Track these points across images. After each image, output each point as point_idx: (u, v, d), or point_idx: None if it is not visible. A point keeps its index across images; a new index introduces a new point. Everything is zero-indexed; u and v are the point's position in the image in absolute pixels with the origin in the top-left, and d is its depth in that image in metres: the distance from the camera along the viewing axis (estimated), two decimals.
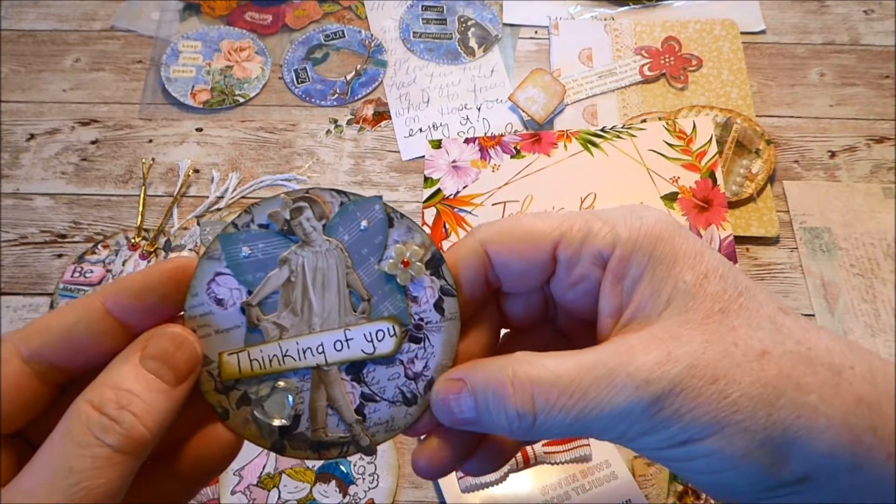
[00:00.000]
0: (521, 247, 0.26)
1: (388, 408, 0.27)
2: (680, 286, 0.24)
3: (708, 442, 0.22)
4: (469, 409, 0.25)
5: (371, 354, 0.27)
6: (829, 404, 0.22)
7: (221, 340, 0.26)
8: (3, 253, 0.50)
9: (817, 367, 0.22)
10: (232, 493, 0.40)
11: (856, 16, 0.62)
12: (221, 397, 0.26)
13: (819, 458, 0.22)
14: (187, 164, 0.53)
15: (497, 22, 0.61)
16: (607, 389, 0.23)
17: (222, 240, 0.27)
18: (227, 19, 0.61)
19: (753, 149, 0.53)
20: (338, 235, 0.27)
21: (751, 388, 0.22)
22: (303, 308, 0.27)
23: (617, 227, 0.25)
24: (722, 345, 0.23)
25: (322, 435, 0.27)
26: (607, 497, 0.40)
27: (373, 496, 0.40)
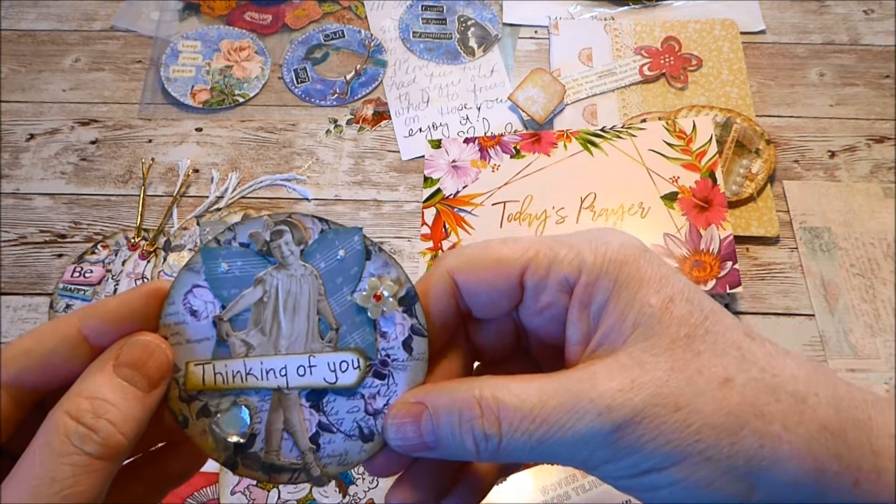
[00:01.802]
0: (488, 274, 0.26)
1: (343, 441, 0.27)
2: (645, 310, 0.24)
3: (671, 471, 0.22)
4: (429, 433, 0.24)
5: (333, 384, 0.27)
6: (793, 432, 0.22)
7: (191, 350, 0.26)
8: (3, 253, 0.50)
9: (781, 395, 0.22)
10: (232, 493, 0.40)
11: (856, 16, 0.62)
12: (183, 405, 0.26)
13: (784, 486, 0.22)
14: (187, 164, 0.53)
15: (497, 22, 0.61)
16: (570, 415, 0.22)
17: (204, 253, 0.27)
18: (226, 19, 0.61)
19: (753, 149, 0.53)
20: (314, 262, 0.27)
21: (713, 418, 0.22)
22: (271, 329, 0.27)
23: (582, 252, 0.25)
24: (686, 372, 0.23)
25: (274, 458, 0.27)
26: (607, 497, 0.40)
27: (373, 496, 0.40)
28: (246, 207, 0.51)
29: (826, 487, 0.22)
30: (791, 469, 0.22)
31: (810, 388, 0.23)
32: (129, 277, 0.48)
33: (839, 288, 0.48)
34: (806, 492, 0.22)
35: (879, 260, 0.49)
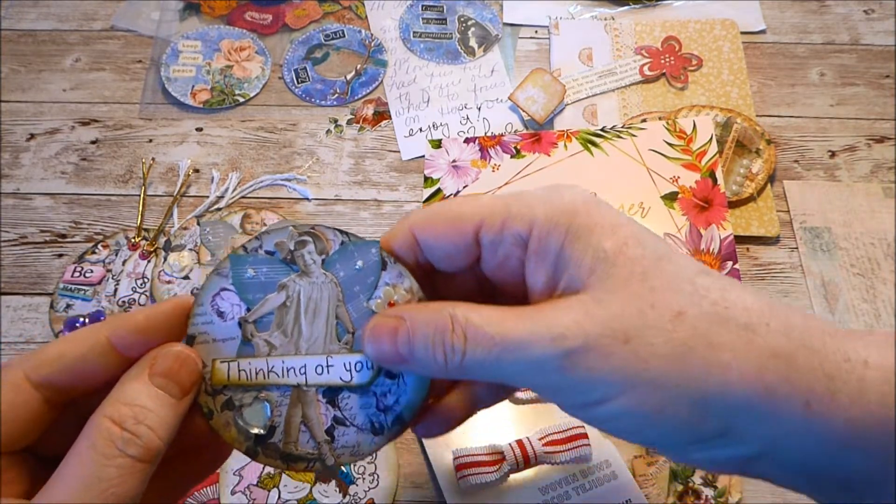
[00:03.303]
0: (445, 230, 0.27)
1: (356, 434, 0.29)
2: (600, 255, 0.25)
3: (622, 400, 0.23)
4: (404, 345, 0.26)
5: (348, 383, 0.29)
6: (742, 359, 0.23)
7: (217, 348, 0.29)
8: (3, 253, 0.50)
9: (732, 326, 0.23)
10: (232, 493, 0.40)
11: (856, 16, 0.62)
12: (209, 399, 0.28)
13: (735, 410, 0.23)
14: (187, 164, 0.53)
15: (497, 21, 0.61)
16: (526, 338, 0.24)
17: (232, 260, 0.30)
18: (227, 19, 0.61)
19: (753, 148, 0.53)
20: (334, 271, 0.30)
21: (663, 348, 0.23)
22: (293, 331, 0.29)
23: (534, 207, 0.26)
24: (639, 307, 0.24)
25: (292, 448, 0.29)
26: (607, 497, 0.40)
27: (373, 496, 0.40)
28: (246, 207, 0.51)
29: (777, 410, 0.23)
30: (740, 394, 0.23)
31: (763, 318, 0.23)
32: (130, 277, 0.48)
33: (839, 288, 0.48)
34: (757, 415, 0.23)
35: (879, 260, 0.49)
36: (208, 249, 0.49)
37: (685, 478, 0.41)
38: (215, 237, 0.49)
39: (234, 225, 0.50)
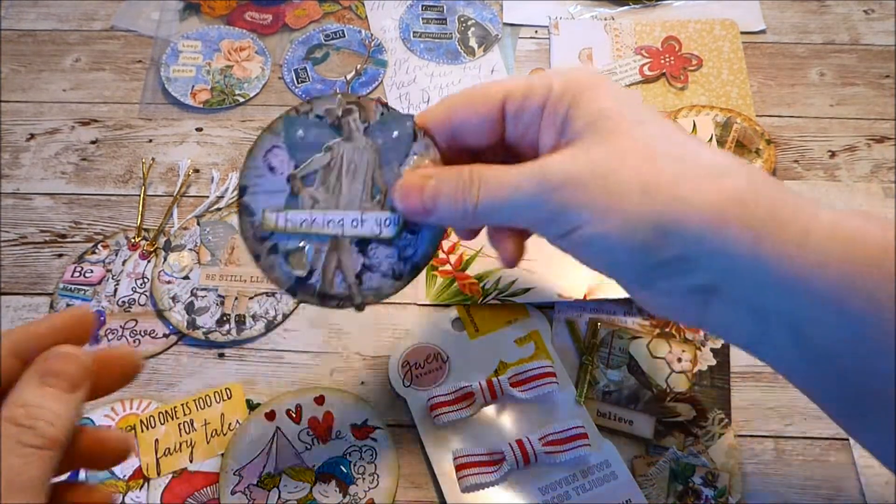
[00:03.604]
0: (476, 105, 0.32)
1: (380, 278, 0.34)
2: (594, 114, 0.29)
3: (596, 226, 0.28)
4: (429, 199, 0.31)
5: (377, 235, 0.34)
6: (703, 199, 0.26)
7: (266, 199, 0.33)
8: (3, 253, 0.50)
9: (699, 171, 0.27)
10: (232, 493, 0.40)
11: (856, 16, 0.62)
12: (257, 244, 0.33)
13: (692, 240, 0.26)
14: (187, 164, 0.53)
15: (497, 21, 0.61)
16: (522, 181, 0.29)
17: (285, 120, 0.34)
18: (227, 19, 0.61)
19: (753, 148, 0.53)
20: (374, 137, 0.34)
21: (632, 185, 0.27)
22: (334, 188, 0.34)
23: (552, 81, 0.30)
24: (619, 152, 0.28)
25: (328, 289, 0.34)
26: (607, 497, 0.40)
27: (373, 496, 0.40)
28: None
29: (729, 243, 0.26)
30: (697, 226, 0.26)
31: (731, 171, 0.27)
32: (130, 277, 0.48)
33: None
34: (710, 247, 0.26)
35: None
36: (208, 249, 0.49)
37: (685, 478, 0.41)
38: (215, 237, 0.49)
39: (233, 225, 0.50)
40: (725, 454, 0.42)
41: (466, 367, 0.44)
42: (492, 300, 0.46)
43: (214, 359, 0.45)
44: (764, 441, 0.42)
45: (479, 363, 0.44)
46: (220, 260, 0.48)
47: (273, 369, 0.45)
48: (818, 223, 0.26)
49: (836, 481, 0.41)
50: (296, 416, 0.43)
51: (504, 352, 0.45)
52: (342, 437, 0.42)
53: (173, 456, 0.42)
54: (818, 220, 0.26)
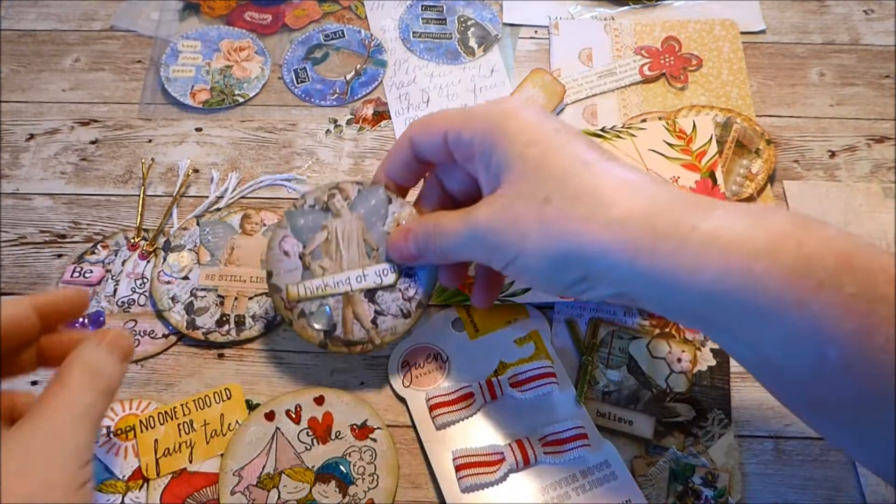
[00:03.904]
0: (425, 136, 0.39)
1: (392, 319, 0.41)
2: (507, 160, 0.34)
3: (518, 262, 0.34)
4: (412, 247, 0.40)
5: (380, 284, 0.41)
6: (586, 228, 0.32)
7: (287, 276, 0.41)
8: (3, 253, 0.50)
9: (585, 203, 0.32)
10: (232, 493, 0.40)
11: (856, 16, 0.62)
12: (288, 312, 0.41)
13: (585, 264, 0.32)
14: (187, 165, 0.53)
15: (497, 22, 0.61)
16: (463, 228, 0.36)
17: (287, 215, 0.43)
18: (226, 19, 0.61)
19: (753, 148, 0.53)
20: (357, 210, 0.42)
21: (534, 225, 0.33)
22: (336, 256, 0.42)
23: (478, 119, 0.36)
24: (522, 197, 0.34)
25: (350, 336, 0.41)
26: (607, 497, 0.40)
27: (372, 496, 0.40)
28: (246, 208, 0.51)
29: (614, 263, 0.31)
30: (586, 253, 0.32)
31: (616, 201, 0.32)
32: (129, 277, 0.48)
33: None
34: (602, 267, 0.32)
35: None
36: (207, 250, 0.49)
37: (685, 478, 0.41)
38: (215, 237, 0.49)
39: (233, 225, 0.50)
40: (725, 454, 0.42)
41: (466, 367, 0.44)
42: None
43: (214, 359, 0.45)
44: (764, 441, 0.42)
45: (479, 363, 0.44)
46: (220, 260, 0.48)
47: (273, 369, 0.45)
48: (695, 234, 0.30)
49: (836, 481, 0.41)
50: (295, 417, 0.43)
51: (504, 352, 0.45)
52: (342, 437, 0.42)
53: (173, 456, 0.42)
54: (695, 232, 0.30)
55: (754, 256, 0.29)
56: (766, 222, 0.29)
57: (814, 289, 0.28)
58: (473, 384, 0.43)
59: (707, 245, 0.29)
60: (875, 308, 0.27)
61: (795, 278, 0.28)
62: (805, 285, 0.28)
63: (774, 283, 0.28)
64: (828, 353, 0.28)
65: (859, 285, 0.27)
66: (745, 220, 0.30)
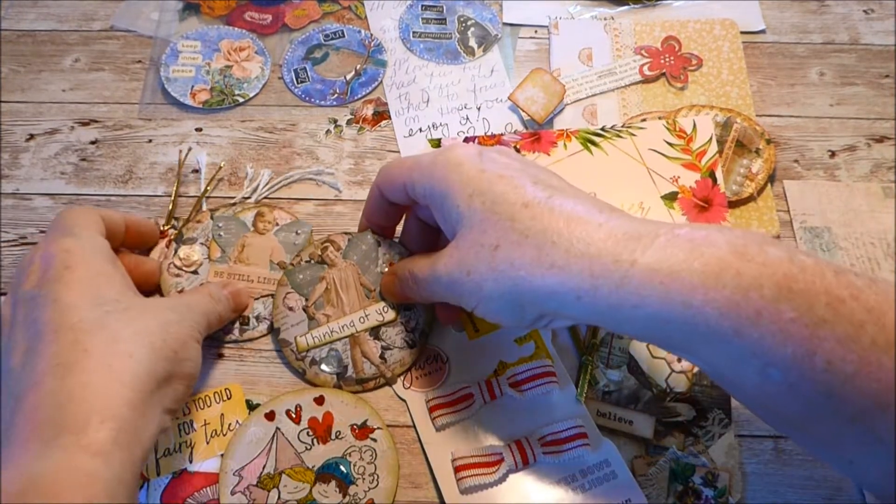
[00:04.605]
0: (387, 185, 0.41)
1: (399, 352, 0.44)
2: (458, 213, 0.36)
3: (480, 308, 0.36)
4: (399, 291, 0.42)
5: (382, 321, 0.44)
6: (533, 272, 0.33)
7: (295, 330, 0.44)
8: (3, 253, 0.50)
9: (529, 248, 0.33)
10: (232, 493, 0.40)
11: (856, 15, 0.62)
12: (300, 363, 0.44)
13: (538, 303, 0.34)
14: (205, 160, 0.53)
15: (497, 21, 0.61)
16: (431, 277, 0.38)
17: (287, 274, 0.45)
18: (226, 19, 0.61)
19: (753, 148, 0.53)
20: (350, 257, 0.45)
21: (487, 273, 0.35)
22: (337, 302, 0.44)
23: (423, 173, 0.38)
24: (475, 247, 0.35)
25: (362, 374, 0.43)
26: (607, 497, 0.40)
27: (373, 496, 0.40)
28: (260, 206, 0.51)
29: (562, 301, 0.33)
30: (535, 294, 0.34)
31: (559, 238, 0.33)
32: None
33: None
34: (553, 305, 0.34)
35: (879, 260, 0.49)
36: (219, 246, 0.48)
37: (685, 478, 0.41)
38: (227, 233, 0.49)
39: (246, 223, 0.50)
40: (725, 454, 0.42)
41: (466, 367, 0.44)
42: None
43: (214, 359, 0.45)
44: (764, 441, 0.42)
45: (479, 363, 0.44)
46: (230, 257, 0.48)
47: (273, 369, 0.45)
48: (634, 269, 0.31)
49: (836, 481, 0.41)
50: (296, 417, 0.43)
51: (504, 352, 0.45)
52: (342, 437, 0.42)
53: (173, 456, 0.42)
54: (635, 267, 0.31)
55: (691, 289, 0.29)
56: (707, 252, 0.30)
57: (752, 317, 0.28)
58: (473, 385, 0.43)
59: (647, 279, 0.30)
60: (815, 332, 0.28)
61: (733, 308, 0.29)
62: (743, 314, 0.29)
63: (712, 314, 0.29)
64: (771, 374, 0.29)
65: (798, 311, 0.28)
66: (685, 250, 0.30)
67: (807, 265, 0.29)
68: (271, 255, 0.48)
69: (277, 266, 0.47)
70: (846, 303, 0.28)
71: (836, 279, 0.29)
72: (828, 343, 0.28)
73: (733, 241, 0.30)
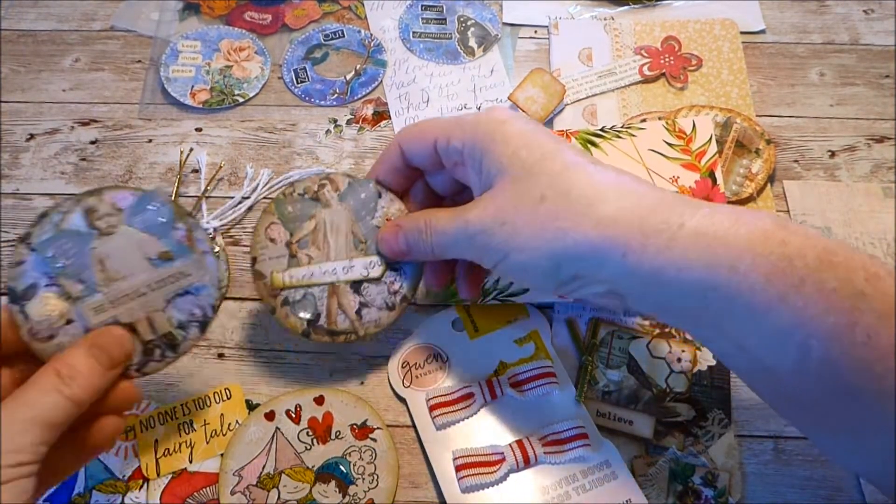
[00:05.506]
0: (415, 142, 0.39)
1: (377, 311, 0.41)
2: (500, 163, 0.35)
3: (508, 260, 0.35)
4: (402, 243, 0.40)
5: (366, 276, 0.41)
6: (579, 229, 0.32)
7: (273, 264, 0.41)
8: (2, 253, 0.50)
9: (579, 204, 0.33)
10: (232, 493, 0.40)
11: (856, 15, 0.62)
12: (272, 299, 0.40)
13: (577, 262, 0.33)
14: (205, 160, 0.53)
15: (497, 22, 0.61)
16: (454, 227, 0.37)
17: (276, 202, 0.42)
18: (226, 19, 0.61)
19: (753, 148, 0.53)
20: (346, 201, 0.42)
21: (527, 227, 0.34)
22: (323, 245, 0.41)
23: (467, 127, 0.37)
24: (516, 199, 0.34)
25: (334, 327, 0.41)
26: (607, 497, 0.40)
27: (372, 496, 0.40)
28: (83, 196, 0.51)
29: (604, 260, 0.32)
30: (576, 251, 0.33)
31: (606, 197, 0.33)
32: None
33: None
34: (592, 264, 0.33)
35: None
36: (69, 277, 0.46)
37: (685, 478, 0.41)
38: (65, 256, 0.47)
39: (78, 228, 0.48)
40: (725, 454, 0.42)
41: (466, 367, 0.44)
42: (491, 300, 0.46)
43: (214, 359, 0.45)
44: (764, 441, 0.42)
45: (479, 363, 0.44)
46: (97, 283, 0.47)
47: (273, 369, 0.45)
48: (683, 231, 0.31)
49: (836, 481, 0.41)
50: (295, 417, 0.43)
51: (504, 352, 0.45)
52: (342, 437, 0.42)
53: (173, 456, 0.42)
54: (683, 230, 0.31)
55: (738, 253, 0.29)
56: (751, 221, 0.30)
57: (797, 284, 0.28)
58: (474, 384, 0.43)
59: (694, 242, 0.30)
60: (856, 304, 0.28)
61: (778, 274, 0.29)
62: (788, 281, 0.29)
63: (758, 279, 0.29)
64: (811, 347, 0.29)
65: (840, 281, 0.28)
66: (731, 219, 0.31)
67: (843, 244, 0.30)
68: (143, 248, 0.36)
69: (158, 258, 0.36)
70: (883, 279, 0.28)
71: (869, 259, 0.29)
72: (868, 316, 0.28)
73: (775, 217, 0.31)
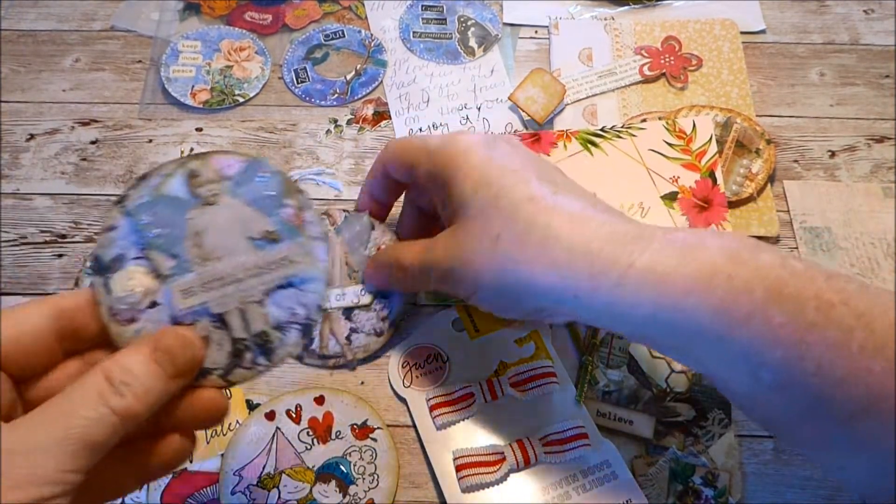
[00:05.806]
0: (393, 163, 0.41)
1: (365, 337, 0.43)
2: (460, 200, 0.36)
3: (475, 297, 0.36)
4: (382, 280, 0.42)
5: (357, 304, 0.43)
6: (534, 268, 0.33)
7: None
8: (3, 253, 0.50)
9: (531, 243, 0.33)
10: (232, 493, 0.40)
11: (856, 15, 0.62)
12: None
13: (536, 298, 0.34)
14: None
15: (497, 22, 0.61)
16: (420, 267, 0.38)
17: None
18: (226, 19, 0.61)
19: (753, 148, 0.53)
20: (342, 234, 0.45)
21: (486, 266, 0.35)
22: None
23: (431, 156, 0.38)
24: (474, 236, 0.35)
25: (325, 351, 0.43)
26: (607, 497, 0.40)
27: (373, 496, 0.40)
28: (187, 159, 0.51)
29: (560, 298, 0.33)
30: (534, 289, 0.34)
31: (560, 234, 0.33)
32: None
33: None
34: (551, 300, 0.34)
35: (879, 260, 0.49)
36: (162, 251, 0.47)
37: (685, 478, 0.41)
38: (162, 225, 0.48)
39: (178, 194, 0.49)
40: (725, 454, 0.42)
41: (466, 367, 0.44)
42: None
43: None
44: (764, 441, 0.42)
45: (479, 363, 0.44)
46: (189, 259, 0.47)
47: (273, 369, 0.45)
48: (631, 271, 0.31)
49: (836, 481, 0.41)
50: (296, 417, 0.43)
51: (504, 352, 0.45)
52: (342, 437, 0.42)
53: None
54: (632, 269, 0.31)
55: (684, 292, 0.30)
56: (699, 257, 0.31)
57: (743, 319, 0.29)
58: (474, 384, 0.43)
59: (642, 281, 0.31)
60: (804, 337, 0.28)
61: (724, 312, 0.29)
62: (734, 317, 0.29)
63: (704, 316, 0.30)
64: (762, 376, 0.29)
65: (788, 315, 0.28)
66: (678, 256, 0.31)
67: (798, 270, 0.29)
68: (245, 225, 0.32)
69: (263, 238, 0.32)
70: (836, 307, 0.28)
71: (826, 284, 0.29)
72: (817, 347, 0.28)
73: (726, 246, 0.31)
